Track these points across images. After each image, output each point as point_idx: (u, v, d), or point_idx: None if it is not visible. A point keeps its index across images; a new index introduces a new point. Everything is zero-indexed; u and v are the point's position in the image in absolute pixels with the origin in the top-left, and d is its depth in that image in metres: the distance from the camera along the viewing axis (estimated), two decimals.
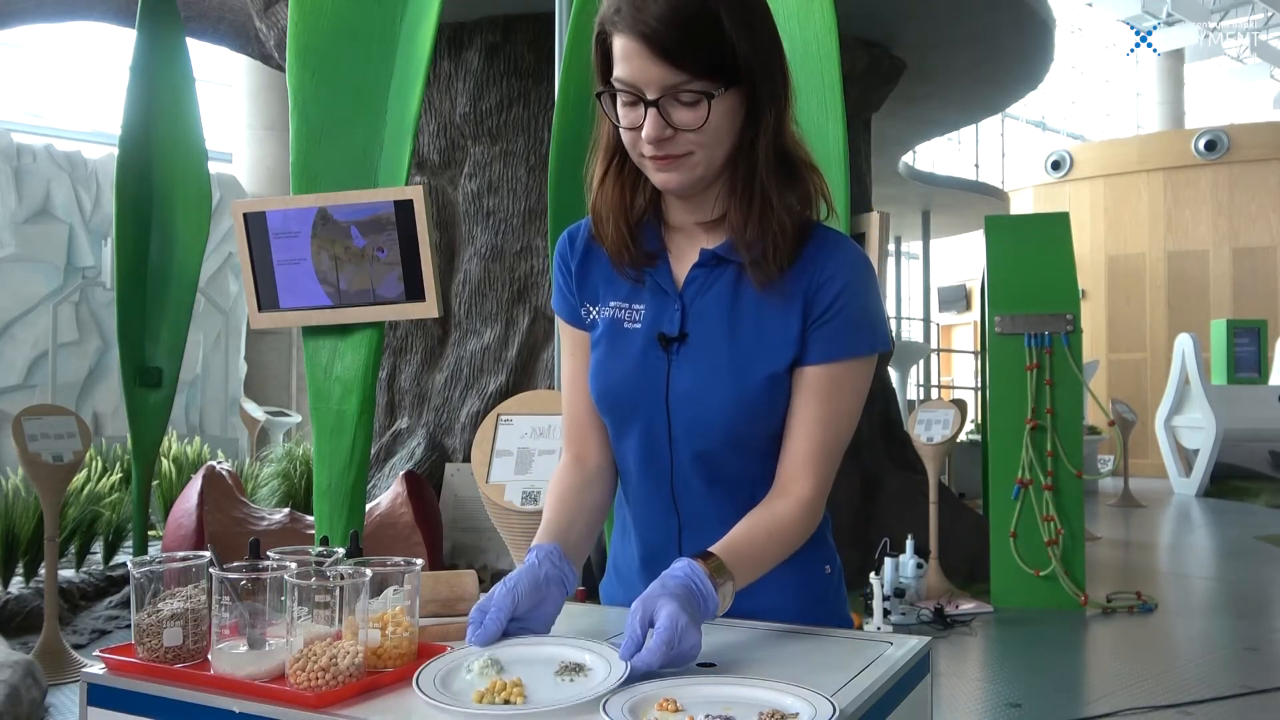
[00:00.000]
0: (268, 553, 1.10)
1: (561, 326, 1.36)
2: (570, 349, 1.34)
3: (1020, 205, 14.06)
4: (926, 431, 5.61)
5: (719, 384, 1.20)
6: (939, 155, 15.57)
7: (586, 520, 1.28)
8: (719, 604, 1.08)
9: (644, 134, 1.13)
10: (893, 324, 11.05)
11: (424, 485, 4.92)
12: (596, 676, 0.97)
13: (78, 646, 4.20)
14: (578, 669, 0.98)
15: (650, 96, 1.11)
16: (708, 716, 0.88)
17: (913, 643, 1.16)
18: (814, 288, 1.20)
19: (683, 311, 1.23)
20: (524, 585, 1.10)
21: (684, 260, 1.25)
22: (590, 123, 1.31)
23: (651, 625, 1.00)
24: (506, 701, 0.92)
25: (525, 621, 1.10)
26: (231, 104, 11.32)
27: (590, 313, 1.30)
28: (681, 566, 1.08)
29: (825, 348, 1.20)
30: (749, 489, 1.25)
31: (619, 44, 1.12)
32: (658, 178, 1.18)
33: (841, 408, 1.21)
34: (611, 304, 1.28)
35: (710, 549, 1.13)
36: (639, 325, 1.25)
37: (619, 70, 1.12)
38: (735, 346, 1.21)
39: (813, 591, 1.31)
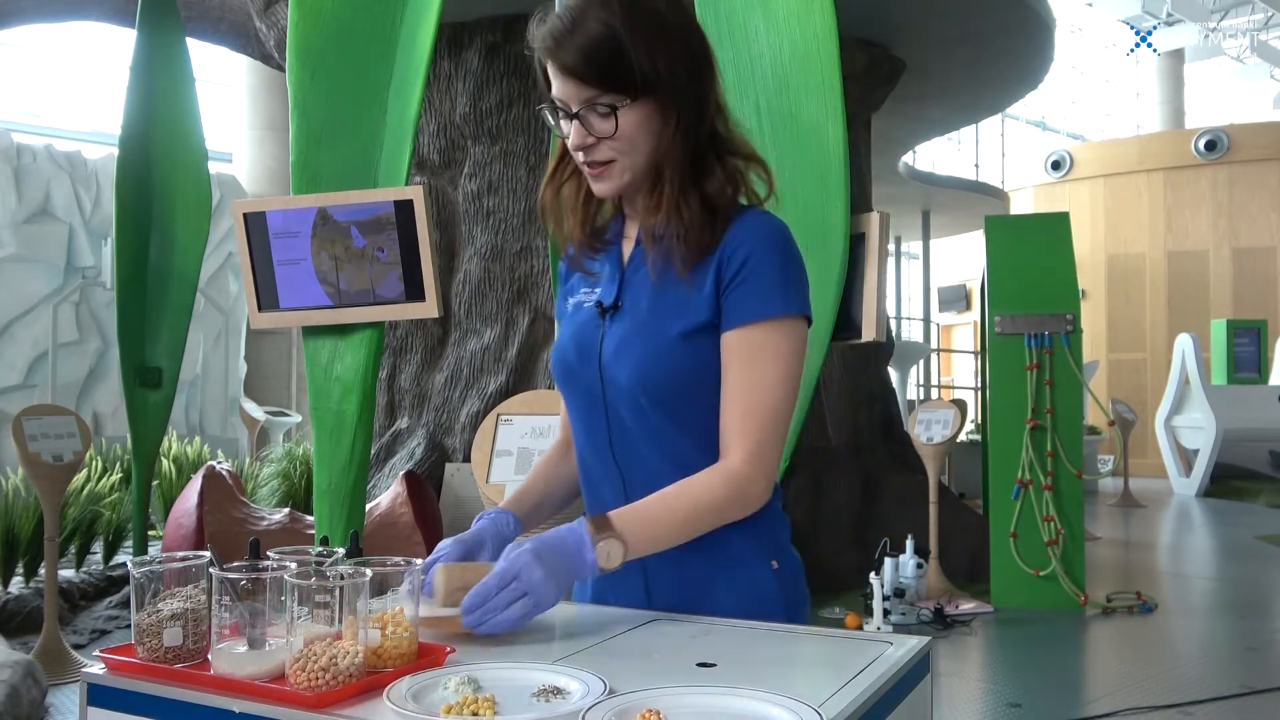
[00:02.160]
0: (268, 553, 1.10)
1: None
2: None
3: (1020, 205, 14.06)
4: (926, 431, 5.61)
5: (637, 341, 1.30)
6: (939, 155, 15.57)
7: (546, 485, 1.48)
8: (594, 560, 1.17)
9: (569, 143, 1.29)
10: (893, 324, 11.05)
11: (424, 485, 4.92)
12: (573, 699, 0.96)
13: (78, 646, 4.20)
14: (555, 692, 0.97)
15: (573, 110, 1.26)
16: None
17: (913, 643, 1.16)
18: (724, 256, 1.28)
19: (620, 284, 1.36)
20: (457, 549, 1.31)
21: (633, 243, 1.39)
22: None
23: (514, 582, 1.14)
24: (475, 714, 0.91)
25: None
26: (231, 104, 11.33)
27: (569, 305, 1.44)
28: (566, 525, 1.20)
29: (738, 311, 1.27)
30: (693, 460, 1.29)
31: (547, 66, 1.27)
32: (595, 187, 1.33)
33: (763, 373, 1.25)
34: (581, 291, 1.41)
35: (603, 512, 1.23)
36: (591, 303, 1.38)
37: (553, 88, 1.28)
38: (655, 309, 1.31)
39: (755, 590, 1.32)
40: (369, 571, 1.02)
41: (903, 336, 13.21)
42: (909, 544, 5.02)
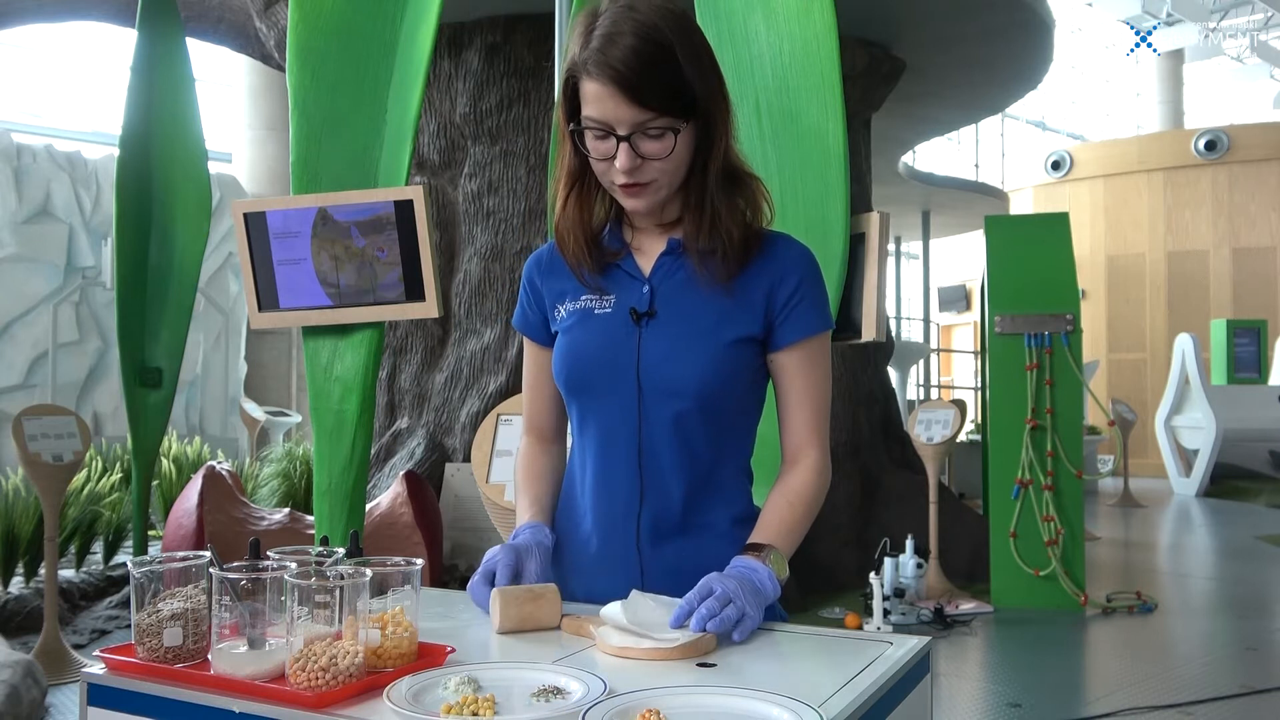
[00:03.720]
0: (268, 553, 1.10)
1: (527, 344, 1.52)
2: (535, 361, 1.51)
3: (1020, 205, 14.06)
4: (926, 431, 5.60)
5: (690, 348, 1.34)
6: (939, 155, 15.57)
7: (552, 488, 1.51)
8: (773, 572, 1.26)
9: (618, 165, 1.28)
10: (893, 324, 11.05)
11: (424, 485, 4.92)
12: (573, 699, 0.96)
13: (78, 646, 4.20)
14: (555, 692, 0.98)
15: (621, 133, 1.27)
16: None
17: (913, 643, 1.16)
18: (777, 280, 1.37)
19: (652, 292, 1.38)
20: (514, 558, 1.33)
21: (648, 254, 1.41)
22: None
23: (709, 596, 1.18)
24: (475, 714, 0.91)
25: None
26: (231, 104, 11.32)
27: (560, 311, 1.44)
28: (733, 561, 1.27)
29: (797, 328, 1.38)
30: (711, 465, 1.38)
31: (590, 87, 1.26)
32: (628, 203, 1.34)
33: (822, 378, 1.41)
34: (583, 297, 1.42)
35: (748, 541, 1.31)
36: (609, 309, 1.39)
37: (590, 110, 1.27)
38: (703, 317, 1.36)
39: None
40: (369, 571, 1.02)
41: (903, 336, 13.21)
42: (909, 544, 5.01)
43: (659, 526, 1.36)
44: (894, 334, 9.08)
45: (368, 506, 4.47)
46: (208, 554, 1.06)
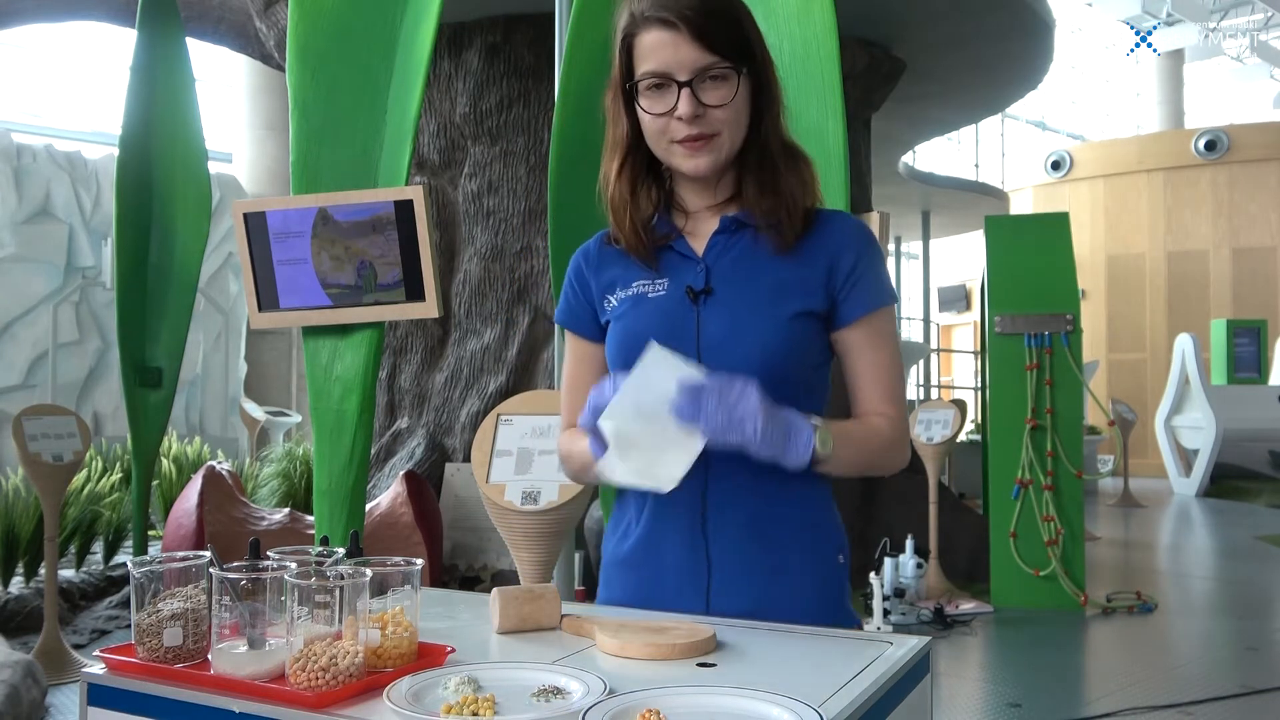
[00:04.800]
0: (268, 553, 1.10)
1: (569, 339, 1.45)
2: (578, 356, 1.45)
3: (1020, 205, 14.06)
4: (926, 431, 5.60)
5: (751, 323, 1.31)
6: (939, 155, 15.57)
7: None
8: (811, 435, 1.21)
9: (680, 112, 1.26)
10: None
11: (424, 485, 4.92)
12: (573, 699, 0.96)
13: (78, 646, 4.20)
14: (556, 692, 0.97)
15: (682, 78, 1.26)
16: None
17: (913, 643, 1.16)
18: (836, 254, 1.35)
19: (707, 271, 1.35)
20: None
21: (700, 236, 1.38)
22: (589, 122, 1.37)
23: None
24: (475, 714, 0.91)
25: None
26: (231, 104, 11.33)
27: (610, 301, 1.40)
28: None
29: (862, 302, 1.34)
30: None
31: (650, 37, 1.27)
32: (687, 164, 1.31)
33: (891, 351, 1.37)
34: (634, 284, 1.38)
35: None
36: (663, 292, 1.36)
37: (648, 64, 1.27)
38: (762, 291, 1.33)
39: (832, 583, 1.36)
40: (369, 571, 1.02)
41: (903, 336, 13.20)
42: (909, 544, 5.02)
43: (724, 518, 1.31)
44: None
45: (368, 506, 4.47)
46: (208, 554, 1.06)
